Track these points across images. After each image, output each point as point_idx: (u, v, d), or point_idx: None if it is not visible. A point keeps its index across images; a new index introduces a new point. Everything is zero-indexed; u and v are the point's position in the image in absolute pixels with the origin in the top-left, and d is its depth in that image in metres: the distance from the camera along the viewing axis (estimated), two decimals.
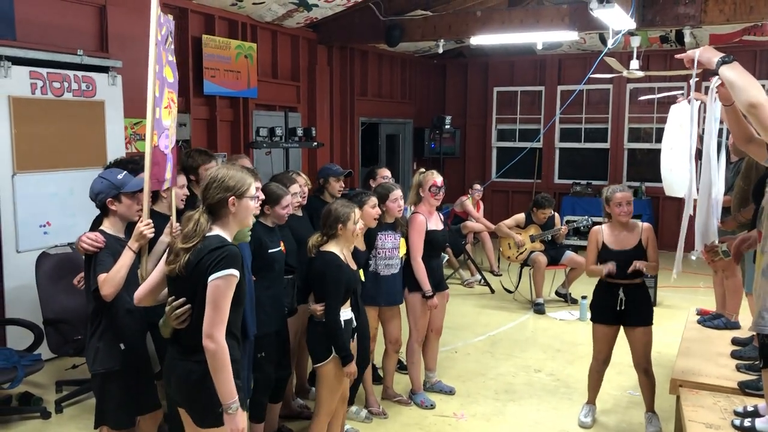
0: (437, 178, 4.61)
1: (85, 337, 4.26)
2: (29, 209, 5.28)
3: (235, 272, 2.47)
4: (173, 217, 3.36)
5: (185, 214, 2.68)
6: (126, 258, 3.02)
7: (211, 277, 2.44)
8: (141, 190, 3.16)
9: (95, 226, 3.25)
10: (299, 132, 7.15)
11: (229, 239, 2.58)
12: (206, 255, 2.47)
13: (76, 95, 5.62)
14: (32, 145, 5.29)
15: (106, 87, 5.87)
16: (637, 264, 4.06)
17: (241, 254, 2.60)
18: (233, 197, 2.56)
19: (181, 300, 2.56)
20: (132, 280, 3.04)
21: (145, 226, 3.08)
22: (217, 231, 2.57)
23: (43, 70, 5.36)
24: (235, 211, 2.58)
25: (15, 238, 5.20)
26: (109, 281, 2.98)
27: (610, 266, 4.09)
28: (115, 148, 5.94)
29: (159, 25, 3.19)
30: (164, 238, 3.30)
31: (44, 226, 5.39)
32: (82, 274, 3.39)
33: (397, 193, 4.40)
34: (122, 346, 3.12)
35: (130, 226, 3.20)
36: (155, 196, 3.57)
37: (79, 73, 5.65)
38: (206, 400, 2.51)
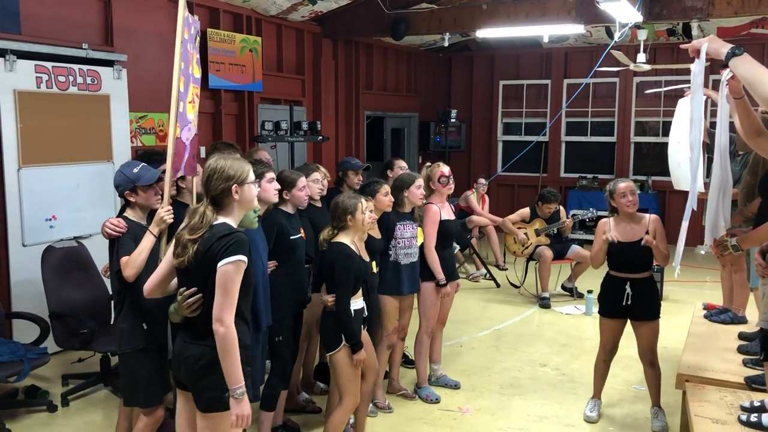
0: (444, 168, 4.74)
1: (92, 330, 4.37)
2: (35, 203, 5.29)
3: (244, 258, 2.54)
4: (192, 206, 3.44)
5: (190, 207, 2.75)
6: (146, 242, 3.16)
7: (220, 263, 2.50)
8: (157, 182, 3.30)
9: (120, 212, 3.43)
10: (304, 126, 7.14)
11: (235, 226, 2.64)
12: (215, 242, 2.53)
13: (81, 89, 5.62)
14: (38, 139, 5.29)
15: (111, 81, 5.87)
16: (647, 237, 4.03)
17: (250, 241, 2.64)
18: (236, 185, 2.62)
19: (193, 289, 2.61)
20: (153, 263, 3.15)
21: (165, 212, 3.20)
22: (222, 219, 2.63)
23: (48, 64, 5.37)
24: (239, 198, 2.64)
25: (21, 231, 5.22)
26: (131, 263, 3.12)
27: (612, 235, 4.10)
28: (121, 142, 5.95)
29: (187, 25, 3.31)
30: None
31: (50, 220, 5.41)
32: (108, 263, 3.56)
33: (421, 181, 4.53)
34: (144, 326, 3.25)
35: (152, 213, 3.33)
36: (180, 187, 3.74)
37: (84, 67, 5.65)
38: (213, 385, 2.55)
